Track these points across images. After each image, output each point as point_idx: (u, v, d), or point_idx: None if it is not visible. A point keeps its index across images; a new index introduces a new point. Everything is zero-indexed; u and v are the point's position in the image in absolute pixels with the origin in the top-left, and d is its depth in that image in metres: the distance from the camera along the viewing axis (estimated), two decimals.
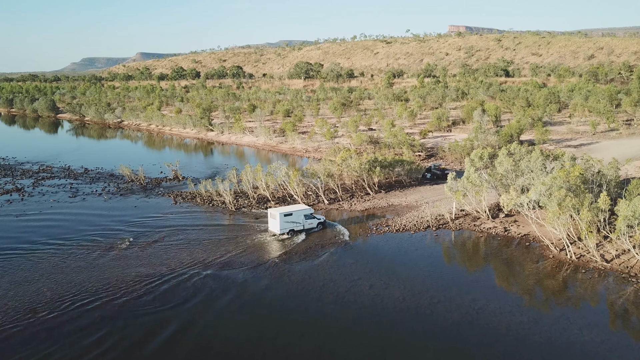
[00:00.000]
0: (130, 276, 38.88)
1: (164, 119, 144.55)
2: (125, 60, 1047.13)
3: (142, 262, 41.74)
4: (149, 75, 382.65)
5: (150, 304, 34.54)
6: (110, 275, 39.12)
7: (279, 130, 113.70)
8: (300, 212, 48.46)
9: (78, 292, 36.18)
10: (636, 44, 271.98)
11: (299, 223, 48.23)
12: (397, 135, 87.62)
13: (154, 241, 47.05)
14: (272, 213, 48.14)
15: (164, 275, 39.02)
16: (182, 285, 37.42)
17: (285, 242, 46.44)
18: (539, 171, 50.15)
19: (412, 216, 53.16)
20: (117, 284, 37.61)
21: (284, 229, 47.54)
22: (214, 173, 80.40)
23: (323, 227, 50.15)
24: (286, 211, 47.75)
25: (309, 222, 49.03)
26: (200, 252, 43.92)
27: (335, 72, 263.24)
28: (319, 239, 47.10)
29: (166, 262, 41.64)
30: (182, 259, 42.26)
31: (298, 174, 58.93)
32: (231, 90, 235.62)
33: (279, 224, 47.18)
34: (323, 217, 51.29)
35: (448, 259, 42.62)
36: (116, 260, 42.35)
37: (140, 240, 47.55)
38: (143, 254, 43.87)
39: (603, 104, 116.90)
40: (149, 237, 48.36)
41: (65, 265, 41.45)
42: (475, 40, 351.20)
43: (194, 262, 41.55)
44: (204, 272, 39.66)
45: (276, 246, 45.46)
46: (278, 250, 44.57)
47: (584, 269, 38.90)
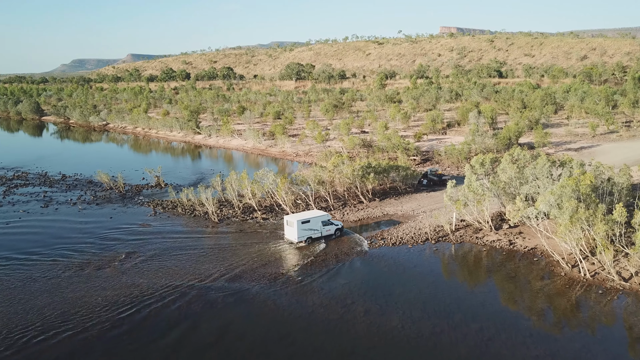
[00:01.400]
0: (97, 301, 34.70)
1: (150, 121, 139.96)
2: (116, 61, 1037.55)
3: (110, 284, 37.54)
4: (138, 76, 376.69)
5: (121, 339, 30.38)
6: (75, 299, 34.92)
7: (268, 133, 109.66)
8: (318, 218, 46.01)
9: (34, 322, 31.94)
10: (629, 45, 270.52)
11: (316, 230, 45.90)
12: (391, 138, 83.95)
13: (126, 258, 42.87)
14: (289, 220, 45.66)
15: (136, 301, 34.87)
16: (161, 313, 33.28)
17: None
18: (545, 179, 46.54)
19: (409, 227, 49.36)
20: (83, 311, 33.40)
21: (302, 237, 45.13)
22: (199, 179, 76.29)
23: (340, 233, 47.45)
24: (304, 218, 45.29)
25: (327, 229, 46.67)
26: (176, 273, 39.77)
27: (327, 74, 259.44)
28: (311, 254, 43.20)
29: (139, 284, 37.49)
30: (157, 281, 38.12)
31: (287, 182, 54.97)
32: (221, 91, 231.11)
33: (297, 231, 44.71)
34: (340, 223, 48.46)
35: (450, 278, 38.83)
36: (84, 281, 38.12)
37: (109, 256, 43.34)
38: (112, 273, 39.67)
39: (601, 105, 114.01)
40: (120, 253, 44.13)
41: (25, 287, 37.21)
42: (467, 41, 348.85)
43: (171, 285, 37.40)
44: (182, 296, 35.54)
45: (273, 263, 41.45)
46: (268, 270, 40.54)
47: (600, 289, 35.24)
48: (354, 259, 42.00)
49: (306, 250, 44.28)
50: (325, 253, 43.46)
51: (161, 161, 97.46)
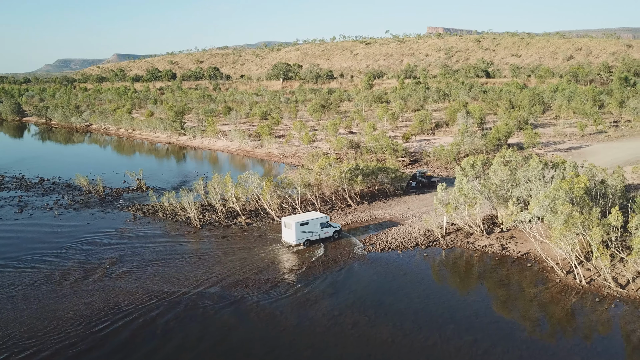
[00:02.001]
0: (68, 316, 32.60)
1: (134, 122, 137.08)
2: (102, 61, 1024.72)
3: (84, 296, 35.40)
4: (123, 76, 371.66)
5: None
6: (39, 316, 32.77)
7: (254, 134, 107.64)
8: (316, 220, 45.01)
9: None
10: (614, 45, 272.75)
11: (315, 232, 44.92)
12: (379, 139, 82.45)
13: (102, 267, 40.73)
14: (287, 222, 44.48)
15: (111, 315, 32.82)
16: (137, 328, 31.27)
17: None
18: (537, 181, 45.26)
19: (399, 232, 47.79)
20: (49, 329, 31.25)
21: (300, 239, 44.12)
22: (182, 182, 74.19)
23: (339, 235, 46.44)
24: (302, 220, 44.28)
25: (325, 231, 45.65)
26: (154, 284, 37.75)
27: (314, 73, 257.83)
28: (301, 260, 41.45)
29: (114, 296, 35.42)
30: (133, 292, 36.07)
31: (272, 185, 53.11)
32: (207, 92, 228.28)
33: (295, 234, 43.69)
34: (339, 225, 47.34)
35: (441, 286, 37.29)
36: (55, 294, 35.95)
37: (85, 266, 41.15)
38: (86, 284, 37.55)
39: (589, 105, 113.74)
40: (95, 262, 41.97)
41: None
42: (454, 41, 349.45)
43: (147, 297, 35.38)
44: (156, 310, 33.57)
45: (259, 272, 39.57)
46: (249, 280, 38.66)
47: (596, 297, 33.93)
48: (351, 265, 40.28)
49: (294, 257, 42.49)
50: (311, 260, 41.69)
51: (144, 163, 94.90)
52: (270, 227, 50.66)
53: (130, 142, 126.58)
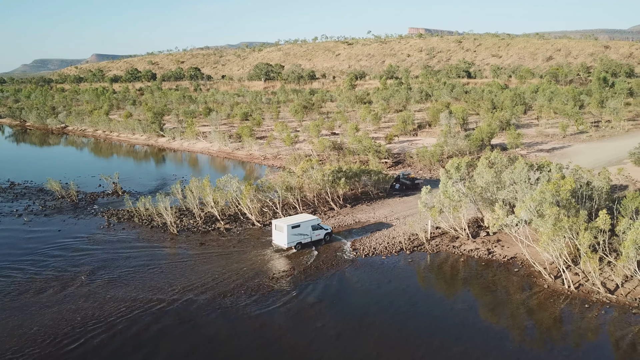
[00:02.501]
0: (32, 332, 30.54)
1: (112, 123, 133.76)
2: (80, 62, 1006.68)
3: (50, 310, 33.34)
4: (101, 77, 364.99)
5: None
6: (5, 330, 30.68)
7: (235, 135, 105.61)
8: (308, 222, 44.03)
9: None
10: (592, 46, 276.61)
11: (306, 235, 43.93)
12: (362, 140, 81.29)
13: (72, 277, 38.65)
14: (278, 225, 43.50)
15: (80, 331, 30.86)
16: (110, 344, 29.39)
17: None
18: (523, 183, 44.42)
19: (383, 236, 46.53)
20: (14, 343, 29.20)
21: (292, 242, 43.15)
22: (160, 185, 71.96)
23: (330, 238, 45.58)
24: (294, 222, 43.26)
25: (317, 234, 44.73)
26: (126, 295, 35.84)
27: (296, 74, 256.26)
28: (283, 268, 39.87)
29: (83, 309, 33.43)
30: (103, 305, 34.12)
31: (252, 189, 51.41)
32: (188, 92, 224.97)
33: (287, 236, 42.68)
34: (330, 227, 46.30)
35: (427, 293, 36.09)
36: (18, 307, 33.81)
37: (51, 275, 39.02)
38: (52, 296, 35.45)
39: (570, 105, 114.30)
40: (65, 274, 39.84)
41: None
42: (436, 41, 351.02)
43: (119, 310, 33.48)
44: (130, 325, 31.71)
45: (239, 276, 37.86)
46: (227, 290, 36.96)
47: (585, 303, 33.05)
48: (334, 273, 38.83)
49: (275, 265, 40.91)
50: (293, 268, 40.18)
51: (121, 166, 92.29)
52: (250, 232, 48.99)
53: (108, 144, 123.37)
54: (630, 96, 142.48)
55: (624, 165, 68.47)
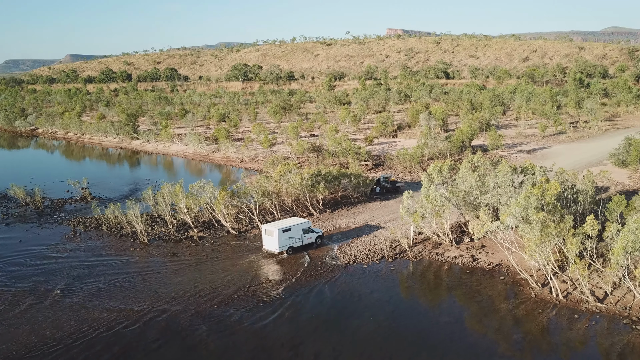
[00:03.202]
0: None
1: (83, 126, 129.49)
2: (54, 62, 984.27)
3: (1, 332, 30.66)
4: (75, 77, 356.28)
5: None
6: None
7: (211, 138, 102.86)
8: (299, 226, 43.11)
9: None
10: (567, 47, 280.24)
11: (298, 239, 42.91)
12: (342, 142, 79.54)
13: (29, 293, 35.91)
14: (269, 229, 42.36)
15: (36, 354, 28.28)
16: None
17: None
18: (507, 187, 43.14)
19: (364, 243, 44.75)
20: None
21: (283, 247, 42.08)
22: (132, 190, 69.14)
23: (321, 241, 44.68)
24: (284, 226, 42.22)
25: (308, 237, 43.67)
26: (88, 314, 33.30)
27: (274, 74, 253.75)
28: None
29: (41, 329, 30.81)
30: (63, 324, 31.54)
31: (226, 194, 49.11)
32: (164, 93, 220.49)
33: (278, 241, 41.59)
34: (321, 231, 45.44)
35: (411, 305, 34.36)
36: None
37: (6, 292, 36.23)
38: (4, 315, 32.72)
39: (549, 106, 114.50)
40: (19, 286, 37.06)
41: None
42: (414, 42, 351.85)
43: (79, 331, 30.95)
44: (88, 347, 29.23)
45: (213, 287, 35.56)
46: (196, 305, 34.68)
47: (575, 313, 31.72)
48: (314, 284, 36.82)
49: (250, 275, 38.74)
50: (268, 279, 38.09)
51: (92, 170, 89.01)
52: (225, 240, 46.70)
53: (79, 147, 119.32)
54: (605, 97, 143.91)
55: (604, 167, 68.13)
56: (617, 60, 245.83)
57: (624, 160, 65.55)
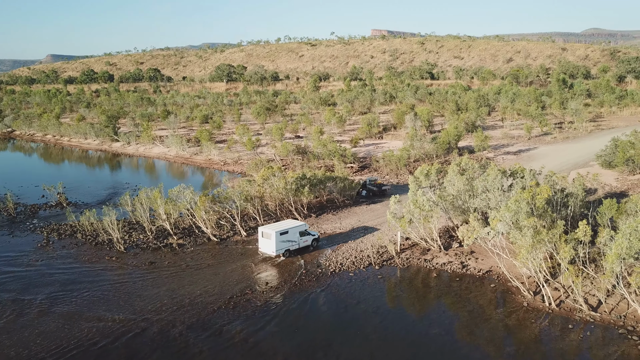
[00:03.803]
0: None
1: (62, 127, 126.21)
2: (35, 62, 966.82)
3: None
4: (55, 78, 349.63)
5: None
6: None
7: (194, 140, 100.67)
8: (296, 228, 42.52)
9: None
10: (550, 48, 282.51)
11: (294, 242, 42.34)
12: (327, 144, 78.08)
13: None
14: (266, 232, 41.81)
15: None
16: None
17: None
18: (496, 191, 42.05)
19: (350, 249, 43.30)
20: None
21: (280, 250, 41.55)
22: (110, 195, 66.86)
23: (317, 244, 44.14)
24: (282, 229, 41.66)
25: (304, 240, 43.14)
26: (52, 333, 31.31)
27: (259, 75, 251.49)
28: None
29: (3, 350, 28.80)
30: (27, 344, 29.54)
31: (207, 200, 47.28)
32: (147, 94, 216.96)
33: (275, 244, 41.07)
34: (317, 233, 44.88)
35: (399, 315, 32.86)
36: None
37: None
38: None
39: (534, 106, 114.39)
40: None
41: None
42: (399, 43, 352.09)
43: (45, 351, 28.98)
44: None
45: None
46: (171, 320, 32.86)
47: (569, 322, 30.60)
48: (297, 296, 35.20)
49: (231, 287, 37.01)
50: (250, 290, 36.41)
51: (70, 173, 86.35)
52: (206, 248, 44.86)
53: (58, 149, 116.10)
54: (588, 97, 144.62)
55: (591, 168, 67.71)
56: (599, 61, 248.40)
57: (611, 161, 65.08)
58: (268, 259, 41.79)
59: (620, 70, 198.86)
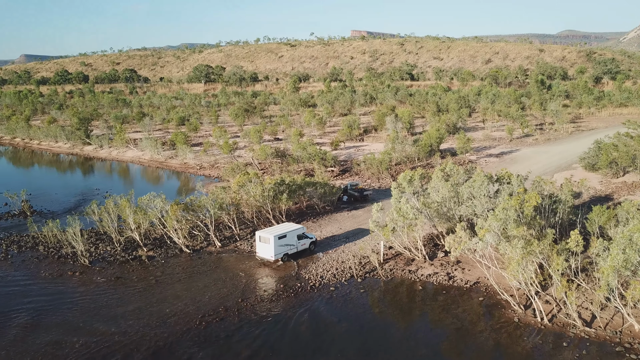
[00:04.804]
0: None
1: (31, 130, 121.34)
2: (7, 63, 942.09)
3: None
4: (28, 79, 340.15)
5: None
6: None
7: (169, 143, 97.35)
8: (294, 232, 41.71)
9: None
10: (527, 49, 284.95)
11: (292, 245, 41.56)
12: (307, 147, 75.76)
13: None
14: (263, 236, 40.82)
15: None
16: None
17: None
18: (483, 198, 40.29)
19: (331, 260, 41.07)
20: None
21: (279, 254, 40.58)
22: (79, 202, 63.45)
23: (314, 247, 43.27)
24: (280, 233, 40.83)
25: (302, 243, 42.32)
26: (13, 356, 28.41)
27: (238, 76, 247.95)
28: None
29: None
30: None
31: (179, 209, 44.55)
32: (122, 95, 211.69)
33: (273, 248, 40.11)
34: (314, 236, 44.01)
35: (384, 334, 30.67)
36: None
37: None
38: None
39: (515, 108, 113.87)
40: None
41: None
42: (378, 44, 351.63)
43: None
44: None
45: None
46: (136, 343, 30.17)
47: (563, 339, 28.85)
48: (276, 314, 32.78)
49: (202, 303, 34.44)
50: (225, 308, 33.90)
51: (38, 179, 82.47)
52: (177, 261, 42.14)
53: (27, 153, 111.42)
54: (566, 98, 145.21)
55: (574, 170, 66.83)
56: (575, 62, 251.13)
57: (594, 164, 64.19)
58: (245, 268, 39.33)
59: (597, 72, 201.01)
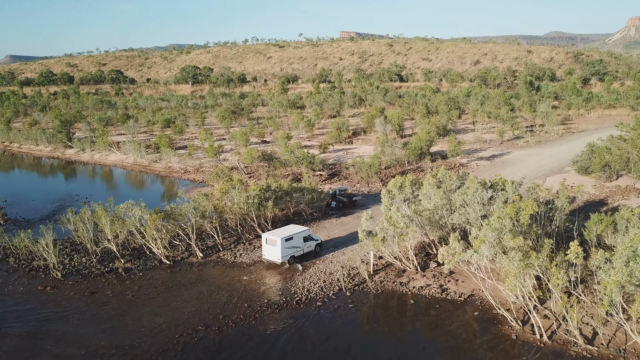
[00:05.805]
0: None
1: (11, 133, 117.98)
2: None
3: None
4: (12, 80, 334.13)
5: None
6: None
7: (154, 146, 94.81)
8: (300, 234, 41.63)
9: None
10: (515, 50, 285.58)
11: (299, 247, 41.51)
12: (294, 151, 73.78)
13: None
14: (270, 239, 40.60)
15: None
16: None
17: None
18: (477, 205, 38.59)
19: (318, 272, 39.11)
20: None
21: (285, 256, 40.47)
22: (56, 210, 60.84)
23: (320, 249, 43.18)
24: (287, 235, 40.63)
25: (308, 245, 42.25)
26: None
27: (225, 77, 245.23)
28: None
29: None
30: None
31: (159, 218, 42.33)
32: (108, 96, 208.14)
33: (280, 250, 39.95)
34: (319, 238, 43.92)
35: (374, 355, 28.69)
36: None
37: None
38: None
39: (505, 110, 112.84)
40: None
41: None
42: (367, 45, 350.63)
43: None
44: None
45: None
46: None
47: (563, 358, 27.18)
48: (261, 330, 30.71)
49: (180, 320, 32.31)
50: (205, 326, 31.81)
51: (15, 184, 79.70)
52: (156, 273, 39.94)
53: (7, 157, 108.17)
54: (555, 99, 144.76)
55: (566, 174, 65.57)
56: (563, 63, 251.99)
57: (587, 167, 62.97)
58: (227, 280, 37.22)
59: (585, 73, 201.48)
